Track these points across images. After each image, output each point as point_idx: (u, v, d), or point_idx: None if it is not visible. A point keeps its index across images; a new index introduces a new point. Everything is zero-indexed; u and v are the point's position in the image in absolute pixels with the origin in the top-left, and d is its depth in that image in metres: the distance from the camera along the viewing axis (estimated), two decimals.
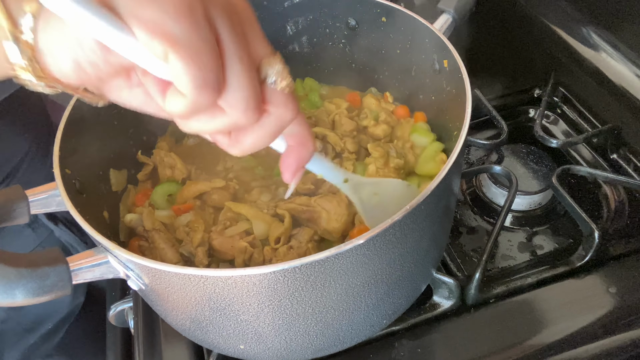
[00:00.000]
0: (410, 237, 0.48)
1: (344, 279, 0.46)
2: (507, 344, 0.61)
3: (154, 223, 0.62)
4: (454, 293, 0.64)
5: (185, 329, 0.57)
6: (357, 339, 0.58)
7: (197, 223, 0.62)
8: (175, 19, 0.30)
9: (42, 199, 0.54)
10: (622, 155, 0.82)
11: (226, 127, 0.36)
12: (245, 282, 0.43)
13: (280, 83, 0.36)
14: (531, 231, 0.75)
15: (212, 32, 0.32)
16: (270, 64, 0.36)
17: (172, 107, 0.33)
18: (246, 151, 0.38)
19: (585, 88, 0.88)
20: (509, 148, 0.82)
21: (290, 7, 0.75)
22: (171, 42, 0.30)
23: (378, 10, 0.70)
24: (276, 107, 0.36)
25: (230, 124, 0.35)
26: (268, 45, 0.37)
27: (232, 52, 0.33)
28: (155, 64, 0.32)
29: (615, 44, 0.82)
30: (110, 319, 0.77)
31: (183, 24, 0.30)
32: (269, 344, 0.52)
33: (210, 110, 0.34)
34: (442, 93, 0.65)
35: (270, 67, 0.36)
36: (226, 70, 0.33)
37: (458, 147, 0.48)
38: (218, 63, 0.32)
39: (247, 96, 0.34)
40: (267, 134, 0.37)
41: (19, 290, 0.39)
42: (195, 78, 0.31)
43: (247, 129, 0.37)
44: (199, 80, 0.31)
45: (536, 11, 0.95)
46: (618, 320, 0.62)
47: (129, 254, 0.44)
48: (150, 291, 0.50)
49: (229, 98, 0.34)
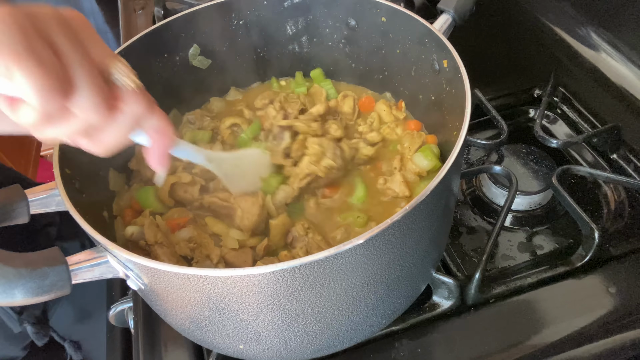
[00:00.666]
0: (409, 237, 0.48)
1: (343, 279, 0.46)
2: (507, 344, 0.61)
3: (156, 236, 0.60)
4: (454, 293, 0.64)
5: (184, 328, 0.57)
6: (357, 339, 0.58)
7: (204, 239, 0.62)
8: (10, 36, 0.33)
9: (42, 199, 0.54)
10: (622, 155, 0.82)
11: (81, 129, 0.39)
12: (244, 282, 0.43)
13: (125, 81, 0.40)
14: (531, 231, 0.75)
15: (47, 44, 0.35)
16: (114, 65, 0.39)
17: (25, 118, 0.36)
18: (108, 149, 0.42)
19: (585, 88, 0.88)
20: (509, 148, 0.82)
21: (290, 7, 0.75)
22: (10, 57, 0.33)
23: (378, 10, 0.70)
24: (127, 103, 0.40)
25: (85, 124, 0.38)
26: (107, 48, 0.40)
27: (72, 59, 0.36)
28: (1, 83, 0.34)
29: (615, 44, 0.82)
30: (110, 319, 0.77)
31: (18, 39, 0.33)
32: (269, 344, 0.52)
33: (62, 115, 0.37)
34: (442, 93, 0.65)
35: (114, 68, 0.39)
36: (71, 76, 0.36)
37: (458, 147, 0.48)
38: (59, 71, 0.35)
39: (93, 96, 0.37)
40: (124, 129, 0.41)
41: (18, 290, 0.39)
42: (40, 87, 0.34)
43: (103, 128, 0.40)
44: (44, 88, 0.34)
45: (536, 11, 0.95)
46: (618, 320, 0.62)
47: (128, 254, 0.44)
48: (149, 291, 0.50)
49: (78, 101, 0.37)
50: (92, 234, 0.46)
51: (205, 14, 0.73)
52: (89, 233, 0.46)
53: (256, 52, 0.80)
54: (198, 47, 0.75)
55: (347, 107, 0.76)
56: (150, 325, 0.68)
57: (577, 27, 0.87)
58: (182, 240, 0.62)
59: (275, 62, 0.82)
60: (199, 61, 0.76)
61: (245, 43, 0.78)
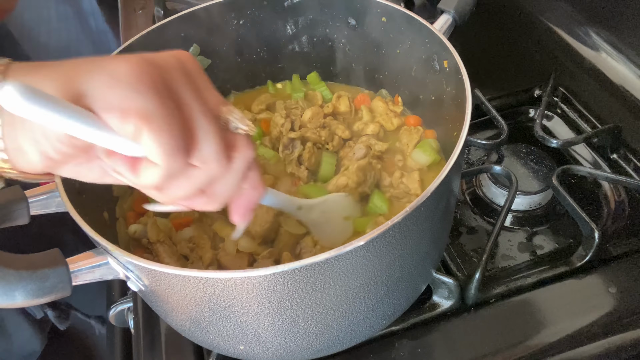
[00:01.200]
0: (410, 238, 0.48)
1: (343, 280, 0.46)
2: (507, 344, 0.61)
3: (158, 235, 0.61)
4: (454, 293, 0.64)
5: (185, 329, 0.57)
6: (357, 340, 0.58)
7: (202, 239, 0.62)
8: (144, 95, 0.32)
9: (42, 200, 0.54)
10: (622, 155, 0.82)
11: (204, 183, 0.37)
12: (245, 284, 0.43)
13: (241, 126, 0.38)
14: (531, 231, 0.75)
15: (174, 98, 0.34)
16: (231, 112, 0.37)
17: (148, 179, 0.34)
18: (223, 202, 0.39)
19: (585, 88, 0.88)
20: (509, 148, 0.81)
21: (290, 7, 0.75)
22: (142, 119, 0.31)
23: (378, 10, 0.70)
24: (240, 150, 0.38)
25: (208, 177, 0.36)
26: (217, 92, 0.38)
27: (195, 110, 0.35)
28: (126, 144, 0.33)
29: (615, 44, 0.82)
30: (110, 319, 0.77)
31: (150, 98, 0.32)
32: (269, 345, 0.52)
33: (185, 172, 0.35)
34: (442, 93, 0.65)
35: (231, 114, 0.37)
36: (193, 128, 0.34)
37: (458, 147, 0.48)
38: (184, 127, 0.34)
39: (217, 146, 0.36)
40: (237, 178, 0.38)
41: (19, 292, 0.39)
42: (167, 147, 0.32)
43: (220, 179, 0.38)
44: (171, 147, 0.33)
45: (536, 11, 0.95)
46: (618, 320, 0.62)
47: (128, 256, 0.44)
48: (150, 292, 0.50)
49: (202, 153, 0.35)
50: (93, 235, 0.46)
51: (205, 14, 0.73)
52: (89, 234, 0.46)
53: (256, 52, 0.80)
54: (198, 47, 0.75)
55: (344, 106, 0.76)
56: (150, 325, 0.68)
57: (577, 27, 0.87)
58: (183, 240, 0.62)
59: (274, 62, 0.82)
60: (199, 61, 0.76)
61: (245, 43, 0.78)
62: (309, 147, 0.70)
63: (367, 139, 0.71)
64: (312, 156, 0.70)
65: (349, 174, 0.65)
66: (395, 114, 0.75)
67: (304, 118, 0.74)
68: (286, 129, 0.72)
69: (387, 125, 0.74)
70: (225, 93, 0.82)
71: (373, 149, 0.70)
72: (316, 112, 0.74)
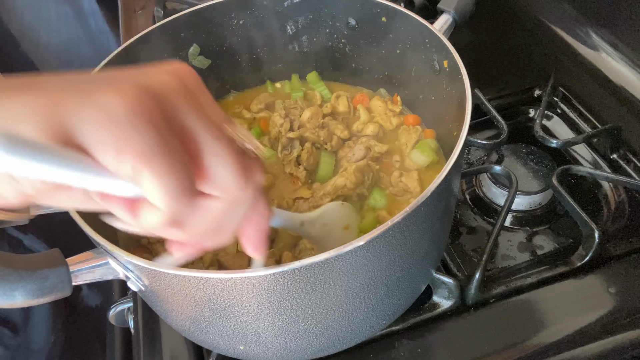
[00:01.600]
0: (409, 239, 0.48)
1: (343, 280, 0.46)
2: (507, 344, 0.61)
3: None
4: (454, 293, 0.64)
5: (185, 329, 0.57)
6: (357, 340, 0.58)
7: None
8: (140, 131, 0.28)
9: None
10: (622, 155, 0.82)
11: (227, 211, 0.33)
12: (245, 284, 0.43)
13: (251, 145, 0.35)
14: (531, 231, 0.75)
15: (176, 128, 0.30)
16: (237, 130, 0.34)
17: (150, 222, 0.31)
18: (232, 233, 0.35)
19: (585, 88, 0.88)
20: (509, 148, 0.82)
21: (290, 7, 0.75)
22: (141, 159, 0.28)
23: (378, 10, 0.70)
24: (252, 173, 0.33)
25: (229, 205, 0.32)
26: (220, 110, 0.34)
27: (203, 134, 0.30)
28: (124, 186, 0.29)
29: (615, 44, 0.82)
30: (110, 319, 0.77)
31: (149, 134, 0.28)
32: (269, 345, 0.52)
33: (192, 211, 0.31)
34: (442, 93, 0.65)
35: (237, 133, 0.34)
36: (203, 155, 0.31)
37: (458, 147, 0.48)
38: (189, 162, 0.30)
39: (235, 168, 0.31)
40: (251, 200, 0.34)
41: (19, 292, 0.39)
42: (171, 189, 0.29)
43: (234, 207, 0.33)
44: (176, 189, 0.29)
45: (536, 11, 0.95)
46: (618, 320, 0.62)
47: (128, 256, 0.44)
48: (150, 292, 0.50)
49: (219, 181, 0.31)
50: (93, 236, 0.46)
51: (205, 14, 0.73)
52: (90, 234, 0.46)
53: (256, 52, 0.80)
54: (198, 47, 0.75)
55: (343, 106, 0.76)
56: (150, 325, 0.68)
57: (577, 27, 0.87)
58: None
59: (274, 62, 0.82)
60: (199, 61, 0.76)
61: (244, 43, 0.78)
62: (307, 147, 0.70)
63: (367, 140, 0.71)
64: (310, 156, 0.70)
65: (347, 174, 0.65)
66: (394, 114, 0.75)
67: (303, 118, 0.74)
68: (285, 129, 0.72)
69: (385, 124, 0.74)
70: (224, 93, 0.83)
71: (372, 151, 0.70)
72: (315, 112, 0.74)
